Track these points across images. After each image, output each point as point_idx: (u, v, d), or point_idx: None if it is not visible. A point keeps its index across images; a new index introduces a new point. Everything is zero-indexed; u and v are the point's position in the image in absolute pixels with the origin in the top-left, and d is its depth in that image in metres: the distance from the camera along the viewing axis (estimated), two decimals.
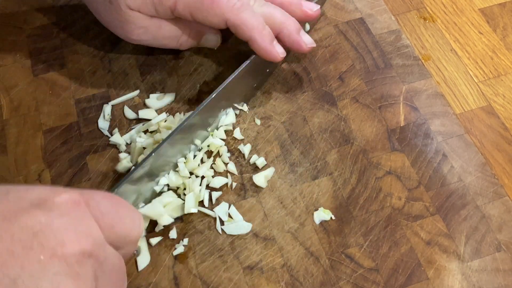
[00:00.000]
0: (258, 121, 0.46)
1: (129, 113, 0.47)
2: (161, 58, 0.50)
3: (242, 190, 0.43)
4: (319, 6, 0.47)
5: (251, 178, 0.43)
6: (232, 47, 0.51)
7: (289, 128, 0.46)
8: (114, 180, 0.43)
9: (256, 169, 0.44)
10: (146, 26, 0.44)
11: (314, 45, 0.45)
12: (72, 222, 0.26)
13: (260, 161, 0.44)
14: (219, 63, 0.50)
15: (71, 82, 0.49)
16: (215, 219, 0.41)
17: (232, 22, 0.42)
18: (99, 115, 0.47)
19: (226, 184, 0.43)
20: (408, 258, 0.40)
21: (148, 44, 0.47)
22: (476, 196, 0.42)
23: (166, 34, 0.46)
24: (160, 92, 0.48)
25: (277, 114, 0.47)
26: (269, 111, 0.47)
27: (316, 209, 0.42)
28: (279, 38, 0.45)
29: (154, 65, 0.49)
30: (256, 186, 0.43)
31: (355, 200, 0.42)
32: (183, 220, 0.41)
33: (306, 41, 0.45)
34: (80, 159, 0.44)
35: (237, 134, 0.46)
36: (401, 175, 0.43)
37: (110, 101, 0.47)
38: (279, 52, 0.44)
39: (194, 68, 0.49)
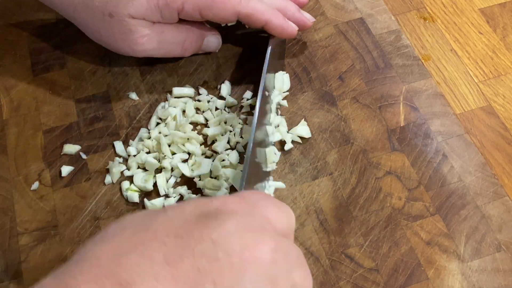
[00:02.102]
0: None
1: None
2: (161, 58, 0.50)
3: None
4: (314, 19, 0.49)
5: None
6: (232, 47, 0.51)
7: (289, 128, 0.46)
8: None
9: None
10: (149, 34, 0.44)
11: (314, 19, 0.49)
12: (245, 223, 0.25)
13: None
14: (219, 63, 0.50)
15: (71, 82, 0.49)
16: None
17: (244, 14, 0.44)
18: (99, 115, 0.47)
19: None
20: (408, 258, 0.40)
21: (154, 53, 0.46)
22: (476, 196, 0.42)
23: (170, 40, 0.45)
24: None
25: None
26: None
27: (315, 209, 0.42)
28: None
29: (154, 65, 0.49)
30: (256, 187, 0.43)
31: (355, 200, 0.42)
32: None
33: (308, 17, 0.48)
34: (80, 159, 0.44)
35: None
36: (401, 175, 0.43)
37: (110, 101, 0.47)
38: (293, 26, 0.46)
39: (194, 68, 0.49)
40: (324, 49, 0.51)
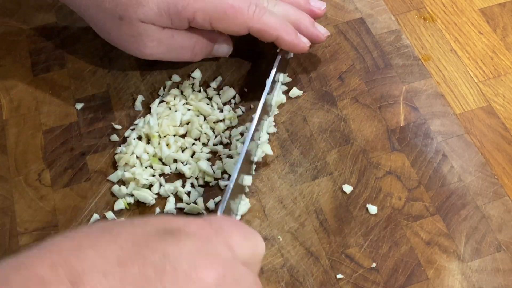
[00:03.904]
0: None
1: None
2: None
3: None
4: (325, 4, 0.48)
5: None
6: (233, 47, 0.50)
7: (289, 128, 0.46)
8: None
9: (255, 168, 0.43)
10: (159, 38, 0.43)
11: (329, 33, 0.48)
12: (201, 247, 0.26)
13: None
14: (219, 63, 0.50)
15: (71, 82, 0.49)
16: None
17: (256, 28, 0.43)
18: (99, 115, 0.47)
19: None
20: (408, 258, 0.40)
21: (162, 57, 0.45)
22: (476, 196, 0.42)
23: (180, 44, 0.45)
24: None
25: (277, 114, 0.47)
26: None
27: (316, 209, 0.42)
28: None
29: (154, 65, 0.49)
30: (256, 186, 0.43)
31: (355, 200, 0.42)
32: None
33: (323, 31, 0.47)
34: (80, 159, 0.44)
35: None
36: (401, 175, 0.43)
37: (110, 101, 0.47)
38: (305, 42, 0.45)
39: (194, 68, 0.49)
40: (324, 49, 0.51)
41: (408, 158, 0.44)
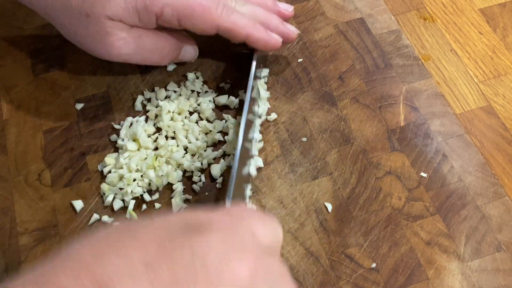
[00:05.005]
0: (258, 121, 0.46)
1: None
2: None
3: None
4: (292, 7, 0.48)
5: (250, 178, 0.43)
6: (232, 48, 0.51)
7: (289, 128, 0.46)
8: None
9: (256, 169, 0.44)
10: (125, 37, 0.43)
11: (299, 32, 0.48)
12: (228, 239, 0.25)
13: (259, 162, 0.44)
14: (219, 63, 0.50)
15: (71, 82, 0.49)
16: None
17: (224, 27, 0.43)
18: (99, 115, 0.47)
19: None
20: (408, 258, 0.40)
21: (129, 59, 0.44)
22: (476, 196, 0.42)
23: (148, 46, 0.44)
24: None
25: (277, 114, 0.47)
26: (269, 111, 0.47)
27: (316, 209, 0.42)
28: None
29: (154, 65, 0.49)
30: (256, 186, 0.43)
31: (355, 200, 0.42)
32: None
33: (292, 29, 0.47)
34: (80, 159, 0.44)
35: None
36: (401, 175, 0.43)
37: (110, 101, 0.47)
38: (276, 38, 0.45)
39: (194, 68, 0.49)
40: (324, 49, 0.51)
41: (408, 158, 0.44)
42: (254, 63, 0.46)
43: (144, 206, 0.42)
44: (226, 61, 0.50)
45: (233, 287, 0.23)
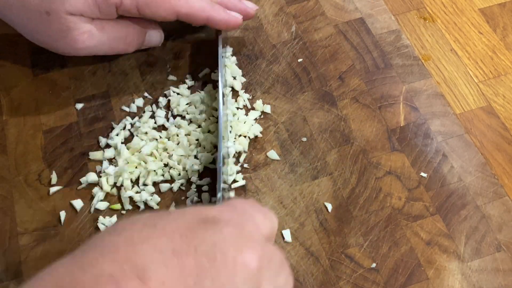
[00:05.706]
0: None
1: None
2: (161, 58, 0.50)
3: (242, 190, 0.43)
4: (257, 7, 0.49)
5: (250, 178, 0.43)
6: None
7: (289, 128, 0.46)
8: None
9: (255, 168, 0.44)
10: (89, 30, 0.43)
11: (257, 7, 0.49)
12: (239, 231, 0.27)
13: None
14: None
15: (71, 82, 0.49)
16: None
17: (183, 13, 0.44)
18: (99, 115, 0.47)
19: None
20: (408, 258, 0.40)
21: (95, 51, 0.45)
22: (476, 196, 0.42)
23: (111, 36, 0.44)
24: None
25: (277, 114, 0.47)
26: (269, 111, 0.47)
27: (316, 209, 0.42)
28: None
29: (154, 65, 0.49)
30: (256, 186, 0.43)
31: (355, 200, 0.42)
32: None
33: (250, 6, 0.48)
34: (80, 159, 0.44)
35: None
36: (401, 175, 0.43)
37: (110, 101, 0.47)
38: (236, 17, 0.46)
39: (194, 69, 0.49)
40: (324, 49, 0.51)
41: (408, 158, 0.44)
42: (220, 44, 0.47)
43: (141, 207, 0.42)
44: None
45: (246, 274, 0.25)
